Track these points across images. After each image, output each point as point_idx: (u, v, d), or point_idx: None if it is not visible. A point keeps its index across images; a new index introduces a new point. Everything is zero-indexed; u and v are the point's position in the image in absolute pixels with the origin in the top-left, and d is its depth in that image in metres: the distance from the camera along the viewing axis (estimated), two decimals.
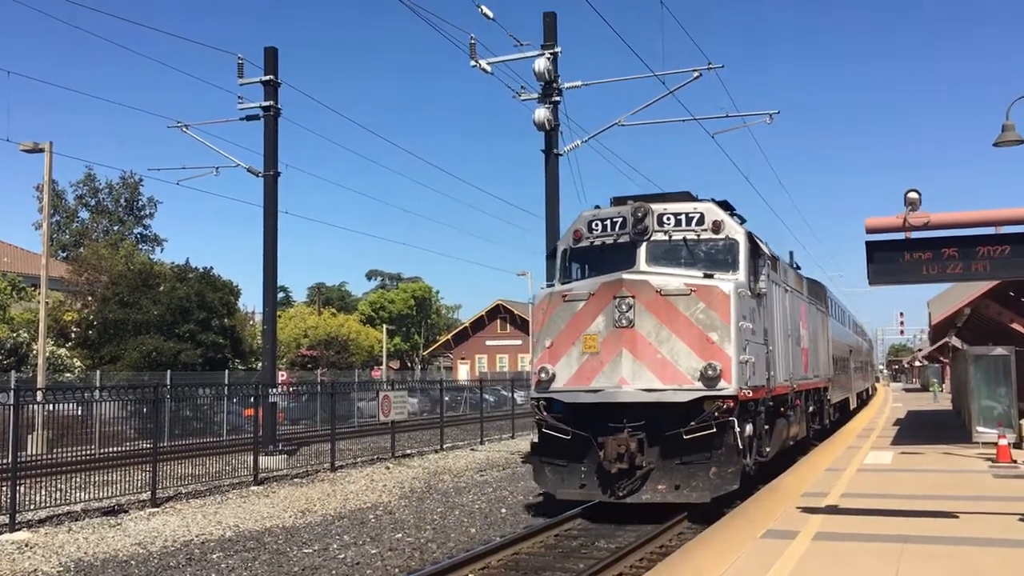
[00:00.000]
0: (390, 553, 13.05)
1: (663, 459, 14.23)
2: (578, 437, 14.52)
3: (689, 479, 14.16)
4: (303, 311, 79.67)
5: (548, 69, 20.86)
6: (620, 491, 14.21)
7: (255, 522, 15.84)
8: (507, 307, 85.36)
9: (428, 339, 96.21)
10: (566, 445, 14.65)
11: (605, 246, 15.64)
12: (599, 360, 14.51)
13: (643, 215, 15.10)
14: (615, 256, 15.36)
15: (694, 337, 14.16)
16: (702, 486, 14.07)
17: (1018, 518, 11.19)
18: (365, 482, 20.93)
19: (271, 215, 25.31)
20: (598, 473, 14.38)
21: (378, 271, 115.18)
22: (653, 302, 14.31)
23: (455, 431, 33.17)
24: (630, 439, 14.07)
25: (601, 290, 14.63)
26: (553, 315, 15.17)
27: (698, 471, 14.16)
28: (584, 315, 14.74)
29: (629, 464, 14.02)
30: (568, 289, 15.30)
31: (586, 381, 14.59)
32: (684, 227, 15.17)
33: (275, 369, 25.85)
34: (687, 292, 14.33)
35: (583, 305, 14.79)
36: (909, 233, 10.11)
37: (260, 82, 25.30)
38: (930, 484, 14.77)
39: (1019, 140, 16.61)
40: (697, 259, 15.20)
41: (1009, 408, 20.90)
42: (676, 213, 15.24)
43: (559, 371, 14.93)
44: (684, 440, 13.98)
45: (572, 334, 14.83)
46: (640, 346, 14.24)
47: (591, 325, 14.64)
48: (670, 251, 15.19)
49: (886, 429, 27.83)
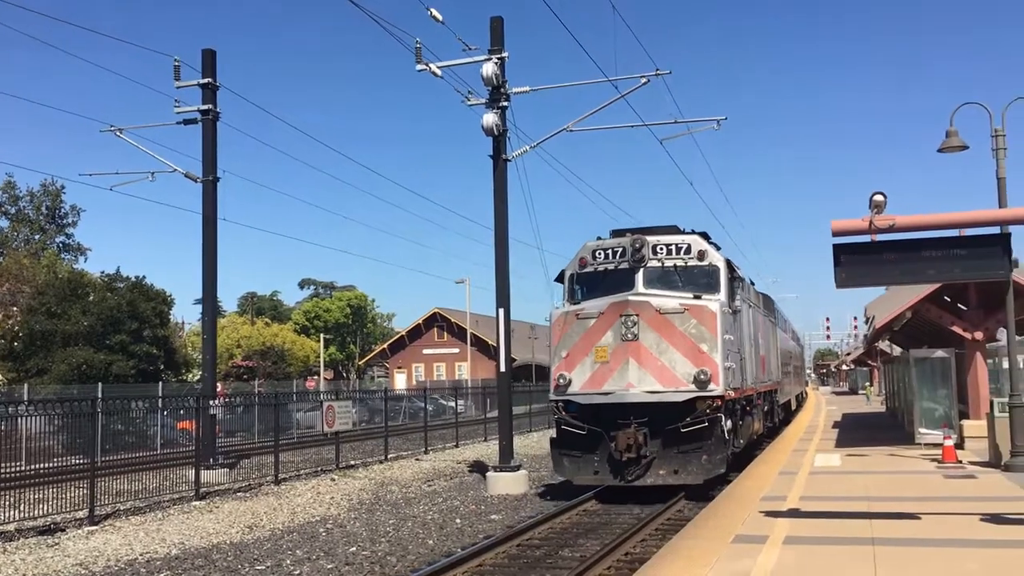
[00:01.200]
0: (347, 568, 12.65)
1: (664, 448, 17.15)
2: (592, 432, 17.47)
3: (685, 464, 17.11)
4: (235, 321, 78.12)
5: (496, 74, 20.64)
6: (629, 476, 17.14)
7: (201, 538, 15.26)
8: (444, 315, 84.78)
9: (364, 348, 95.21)
10: (581, 439, 17.58)
11: (607, 271, 18.40)
12: (609, 368, 17.39)
13: (640, 245, 17.96)
14: (616, 280, 18.20)
15: (687, 347, 17.12)
16: (696, 470, 17.06)
17: (980, 518, 11.31)
18: (311, 495, 20.41)
19: (210, 222, 24.60)
20: (609, 462, 17.30)
21: (311, 280, 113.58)
22: (653, 319, 17.24)
23: (398, 441, 32.68)
24: (637, 432, 16.99)
25: (610, 309, 17.56)
26: (568, 331, 18.00)
27: (693, 458, 17.11)
28: (595, 330, 17.60)
29: (636, 453, 16.97)
30: (580, 308, 18.11)
31: (598, 385, 17.46)
32: (674, 256, 18.10)
33: (215, 380, 25.11)
34: (681, 310, 17.28)
35: (594, 322, 17.66)
36: (875, 236, 10.13)
37: (198, 85, 24.60)
38: (884, 486, 14.91)
39: (963, 146, 17.00)
40: (686, 282, 18.03)
41: (950, 410, 21.31)
42: (667, 244, 18.16)
43: (574, 377, 17.75)
44: (681, 433, 16.93)
45: (585, 346, 17.68)
46: (643, 355, 17.16)
47: (601, 339, 17.51)
48: (663, 276, 18.05)
49: (827, 431, 28.24)
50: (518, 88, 21.57)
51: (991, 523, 11.02)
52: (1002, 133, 16.46)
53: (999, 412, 16.89)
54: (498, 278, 21.26)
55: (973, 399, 20.74)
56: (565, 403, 17.88)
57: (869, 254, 10.21)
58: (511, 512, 17.43)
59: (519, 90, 21.60)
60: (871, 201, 10.23)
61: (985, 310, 20.84)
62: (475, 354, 77.10)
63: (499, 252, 21.34)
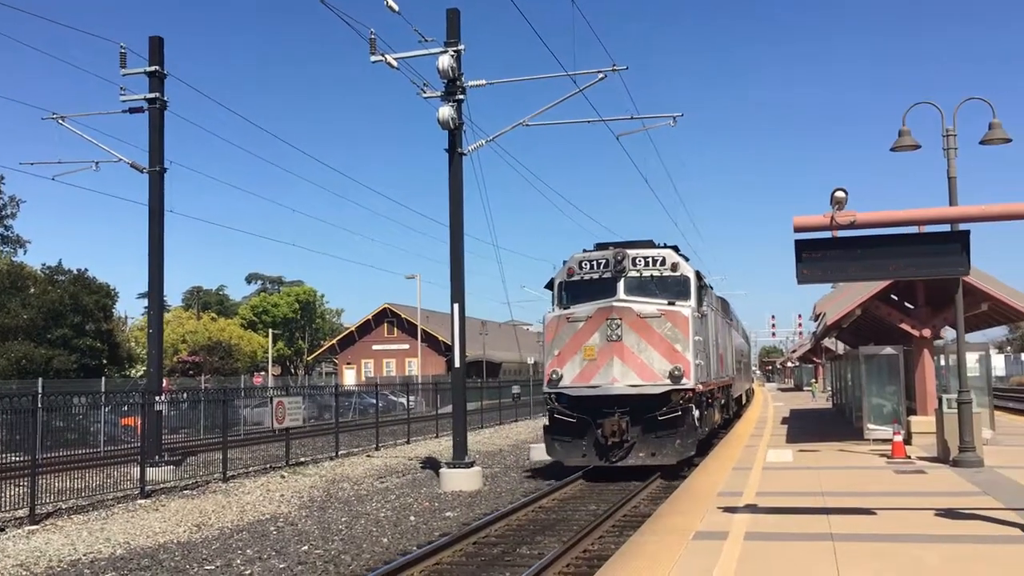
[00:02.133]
0: (300, 567, 12.38)
1: (643, 434, 19.63)
2: (581, 420, 19.85)
3: (661, 448, 19.60)
4: (180, 315, 76.70)
5: (452, 67, 20.41)
6: (613, 458, 19.62)
7: (147, 538, 14.85)
8: (395, 311, 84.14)
9: (312, 344, 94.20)
10: (571, 426, 19.97)
11: (593, 280, 20.77)
12: (596, 364, 19.76)
13: (622, 258, 20.47)
14: (600, 288, 20.59)
15: (664, 347, 19.61)
16: (671, 452, 19.60)
17: (934, 513, 11.41)
18: (261, 492, 20.02)
19: (157, 214, 24.02)
20: (595, 446, 19.73)
21: (259, 274, 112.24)
22: (634, 322, 19.67)
23: (348, 437, 32.27)
24: (620, 420, 19.43)
25: (597, 314, 19.93)
26: (560, 332, 20.36)
27: (667, 442, 19.60)
28: (584, 332, 19.98)
29: (620, 439, 19.46)
30: (571, 313, 20.47)
31: (587, 380, 19.86)
32: (651, 267, 20.59)
33: (161, 375, 24.53)
34: (658, 315, 19.78)
35: (583, 324, 20.05)
36: (836, 232, 10.13)
37: (144, 73, 23.98)
38: (837, 481, 15.01)
39: (915, 145, 17.17)
40: (661, 290, 20.55)
41: (898, 406, 21.60)
42: (645, 256, 20.68)
43: (565, 373, 20.11)
44: (658, 420, 19.47)
45: (575, 346, 20.04)
46: (626, 354, 19.62)
47: (589, 339, 19.90)
48: (641, 285, 20.55)
49: (777, 427, 28.50)
50: (474, 81, 21.39)
51: (946, 518, 11.12)
52: (953, 133, 16.63)
53: (947, 409, 17.12)
54: (453, 273, 21.06)
55: (920, 395, 21.00)
56: (557, 395, 20.31)
57: (830, 250, 10.21)
58: (466, 509, 17.26)
59: (475, 83, 21.41)
60: (832, 197, 10.21)
61: (932, 308, 21.12)
62: (425, 350, 76.74)
63: (454, 247, 21.13)
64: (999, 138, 16.18)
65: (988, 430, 19.75)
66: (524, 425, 42.32)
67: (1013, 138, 16.24)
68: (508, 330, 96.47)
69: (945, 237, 10.12)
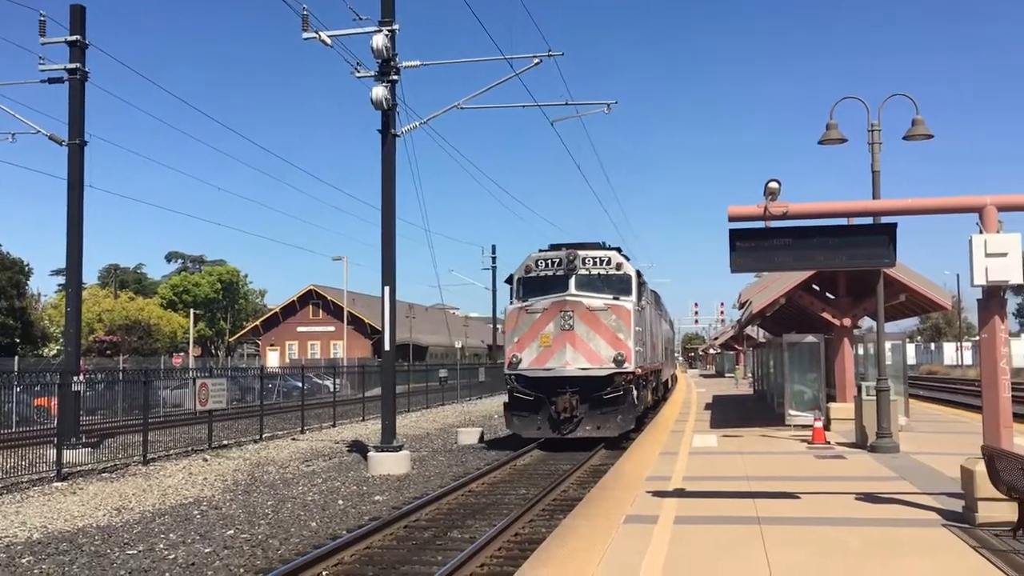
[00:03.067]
0: (226, 552, 12.15)
1: (590, 410, 22.38)
2: (537, 398, 22.62)
3: (606, 422, 22.47)
4: (97, 294, 74.53)
5: (386, 46, 20.14)
6: (564, 431, 22.37)
7: (65, 522, 14.42)
8: (320, 292, 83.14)
9: (235, 325, 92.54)
10: (528, 404, 22.76)
11: (547, 277, 23.51)
12: (551, 350, 22.61)
13: (573, 258, 23.32)
14: (554, 284, 23.36)
15: (609, 336, 22.54)
16: (614, 427, 22.54)
17: (854, 497, 11.75)
18: (183, 475, 19.61)
19: (76, 188, 23.25)
20: (549, 421, 22.51)
21: (179, 253, 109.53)
22: (584, 314, 22.58)
23: (272, 420, 31.76)
24: (571, 398, 22.24)
25: (552, 306, 22.80)
26: (519, 322, 23.15)
27: (611, 417, 22.48)
28: (541, 321, 22.82)
29: (571, 414, 22.25)
30: (529, 305, 23.23)
31: (543, 363, 22.66)
32: (598, 266, 23.49)
33: (79, 355, 23.80)
34: (605, 308, 22.72)
35: (540, 315, 22.87)
36: (769, 222, 10.31)
37: (65, 42, 23.14)
38: (761, 466, 15.34)
39: (842, 139, 17.57)
40: (607, 287, 23.39)
41: (818, 393, 22.19)
42: (593, 256, 23.56)
43: (524, 357, 22.86)
44: (603, 399, 22.34)
45: (533, 334, 22.86)
46: (577, 341, 22.48)
47: (545, 328, 22.73)
48: (590, 281, 23.34)
49: (701, 413, 29.03)
50: (409, 62, 21.17)
51: (866, 502, 11.46)
52: (878, 128, 17.05)
53: (866, 396, 17.63)
54: (384, 256, 20.85)
55: (840, 383, 21.60)
56: (517, 376, 22.99)
57: (763, 240, 10.39)
58: (395, 493, 17.17)
59: (410, 64, 21.20)
60: (766, 188, 10.40)
61: (853, 298, 21.71)
62: (352, 333, 76.03)
63: (386, 230, 20.92)
64: (921, 134, 16.66)
65: (903, 417, 20.42)
66: (451, 409, 42.28)
67: (935, 134, 16.78)
68: (436, 314, 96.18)
69: (873, 229, 10.39)
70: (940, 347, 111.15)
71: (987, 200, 9.75)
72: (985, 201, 9.74)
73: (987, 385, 9.86)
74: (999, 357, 9.65)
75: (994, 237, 9.57)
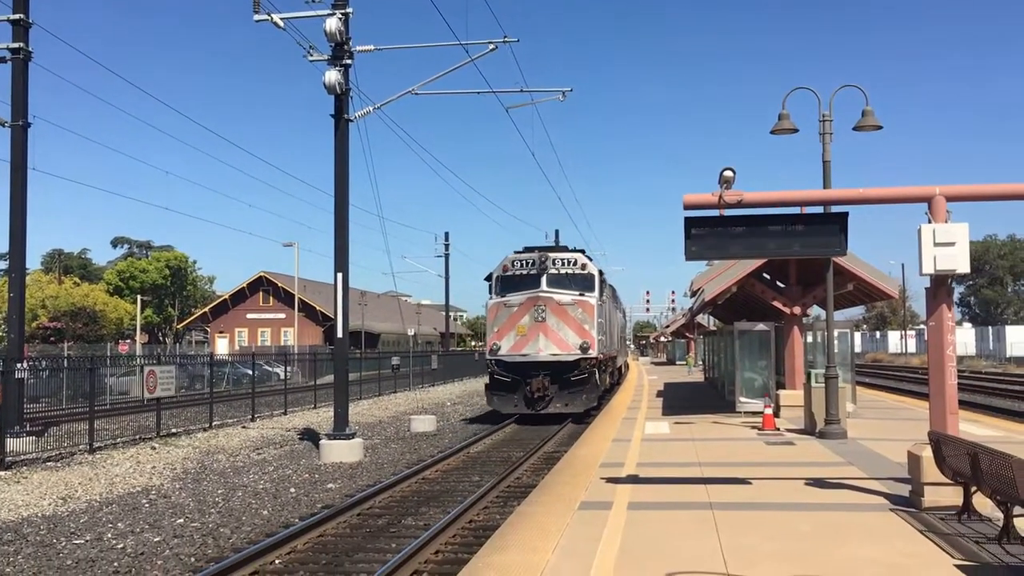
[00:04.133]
0: (176, 540, 11.99)
1: (559, 391, 26.30)
2: (514, 380, 26.54)
3: (573, 400, 26.35)
4: (40, 279, 72.85)
5: (340, 30, 19.90)
6: (538, 407, 26.25)
7: (8, 511, 14.12)
8: (271, 279, 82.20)
9: (183, 312, 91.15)
10: (506, 384, 26.68)
11: (522, 275, 27.22)
12: (526, 339, 26.40)
13: (544, 259, 27.14)
14: (528, 281, 27.04)
15: (576, 327, 26.38)
16: (579, 404, 26.51)
17: (804, 483, 11.93)
18: (131, 464, 19.29)
19: (19, 170, 22.64)
20: (524, 399, 26.38)
21: (125, 238, 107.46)
22: (555, 308, 26.39)
23: (222, 408, 31.35)
24: (544, 380, 26.18)
25: (527, 301, 26.60)
26: (498, 314, 27.04)
27: (577, 396, 26.41)
28: (518, 314, 26.67)
29: (543, 393, 26.20)
30: (507, 300, 27.00)
31: (519, 349, 26.50)
32: (566, 266, 27.25)
33: (23, 341, 23.25)
34: (572, 303, 26.51)
35: (516, 308, 26.70)
36: (723, 210, 10.39)
37: (8, 21, 22.49)
38: (712, 452, 15.50)
39: (793, 129, 17.76)
40: (573, 284, 27.14)
41: (769, 380, 22.47)
42: (562, 258, 27.41)
43: (503, 344, 26.68)
44: (571, 380, 26.25)
45: (510, 324, 26.68)
46: (548, 331, 26.29)
47: (521, 320, 26.55)
48: (559, 280, 27.10)
49: (653, 400, 29.26)
50: (363, 46, 20.97)
51: (815, 487, 11.64)
52: (829, 118, 17.28)
53: (815, 383, 17.90)
54: (337, 243, 20.67)
55: (789, 370, 21.89)
56: (497, 361, 26.88)
57: (717, 228, 10.47)
58: (348, 481, 17.07)
59: (364, 48, 21.00)
60: (721, 176, 10.46)
61: (803, 287, 22.00)
62: (303, 320, 75.33)
63: (339, 216, 20.74)
64: (871, 125, 16.93)
65: (851, 404, 20.79)
66: (404, 396, 42.11)
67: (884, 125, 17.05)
68: (388, 301, 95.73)
69: (825, 218, 10.52)
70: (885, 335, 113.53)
71: (936, 190, 9.93)
72: (934, 191, 9.92)
73: (934, 372, 10.05)
74: (946, 345, 9.84)
75: (943, 227, 9.75)
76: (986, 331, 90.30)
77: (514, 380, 26.42)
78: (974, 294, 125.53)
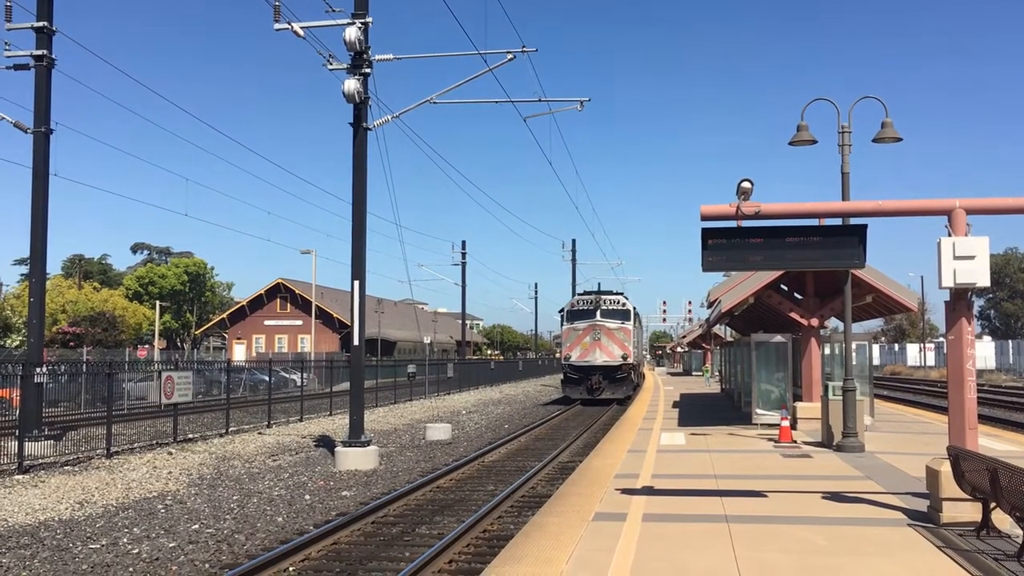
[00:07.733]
0: (191, 546, 12.03)
1: (609, 384, 41.90)
2: (580, 377, 42.27)
3: (617, 389, 41.93)
4: (60, 284, 73.39)
5: (359, 39, 20.01)
6: (596, 395, 41.54)
7: (26, 515, 14.20)
8: (288, 286, 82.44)
9: (201, 318, 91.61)
10: (575, 380, 42.60)
11: (584, 310, 42.86)
12: (587, 351, 41.97)
13: (599, 299, 43.14)
14: (587, 314, 42.55)
15: (619, 343, 42.11)
16: (621, 392, 42.04)
17: (821, 496, 11.84)
18: (147, 469, 19.38)
19: (41, 176, 22.83)
20: (587, 389, 41.84)
21: (145, 244, 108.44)
22: (606, 331, 42.08)
23: (238, 414, 31.51)
24: (599, 377, 41.77)
25: (588, 327, 42.25)
26: (569, 335, 43.01)
27: (619, 387, 42.14)
28: (582, 335, 42.39)
29: (599, 385, 41.76)
30: (575, 326, 42.74)
31: (583, 358, 42.10)
32: (612, 304, 42.91)
33: (42, 345, 23.41)
34: (617, 328, 42.29)
35: (581, 331, 42.43)
36: (741, 222, 10.35)
37: (32, 28, 22.72)
38: (728, 464, 15.42)
39: (812, 140, 17.68)
40: (617, 316, 42.54)
41: (785, 392, 22.34)
42: (610, 299, 43.42)
43: (572, 354, 42.38)
44: (616, 377, 42.08)
45: (577, 342, 42.47)
46: (602, 346, 41.86)
47: (584, 339, 42.21)
48: (608, 312, 42.46)
49: (668, 411, 29.16)
50: (382, 55, 21.05)
51: (832, 501, 11.55)
52: (848, 130, 17.18)
53: (832, 396, 17.77)
54: (354, 250, 20.73)
55: (807, 382, 21.76)
56: (569, 365, 42.49)
57: (735, 239, 10.42)
58: (363, 488, 17.08)
59: (382, 57, 21.08)
60: (739, 188, 10.43)
61: (820, 299, 21.87)
62: (320, 327, 75.53)
63: (356, 223, 20.80)
64: (890, 136, 16.81)
65: (869, 417, 20.63)
66: (419, 404, 42.15)
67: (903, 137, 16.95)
68: (405, 308, 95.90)
69: (844, 230, 10.45)
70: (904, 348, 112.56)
71: (956, 203, 9.86)
72: (954, 204, 9.84)
73: (953, 386, 9.96)
74: (965, 359, 9.75)
75: (962, 240, 9.67)
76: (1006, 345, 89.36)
77: (580, 377, 41.97)
78: (994, 307, 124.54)
